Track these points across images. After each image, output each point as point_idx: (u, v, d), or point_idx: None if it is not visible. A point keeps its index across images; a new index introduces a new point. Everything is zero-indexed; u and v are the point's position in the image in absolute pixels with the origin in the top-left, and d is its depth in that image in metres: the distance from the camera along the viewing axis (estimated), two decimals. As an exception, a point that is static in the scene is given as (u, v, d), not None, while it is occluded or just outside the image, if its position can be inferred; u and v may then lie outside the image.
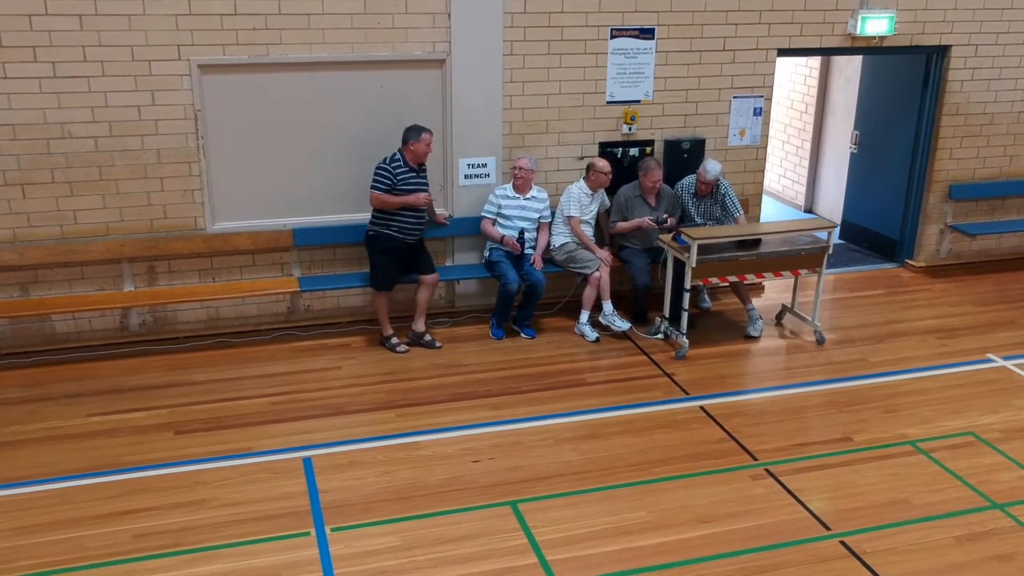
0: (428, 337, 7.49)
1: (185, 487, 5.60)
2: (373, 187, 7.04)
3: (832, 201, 10.78)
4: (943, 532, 5.26)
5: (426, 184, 7.28)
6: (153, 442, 6.09)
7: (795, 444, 6.15)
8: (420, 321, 7.45)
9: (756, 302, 8.13)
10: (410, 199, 7.05)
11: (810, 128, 11.20)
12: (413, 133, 7.02)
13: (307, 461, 5.89)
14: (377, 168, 7.06)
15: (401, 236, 7.17)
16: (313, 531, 5.18)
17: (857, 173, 10.07)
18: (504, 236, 7.57)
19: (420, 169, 7.18)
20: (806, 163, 11.33)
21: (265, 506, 5.41)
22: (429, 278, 7.39)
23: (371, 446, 6.08)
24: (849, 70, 10.47)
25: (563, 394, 6.80)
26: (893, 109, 9.45)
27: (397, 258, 7.23)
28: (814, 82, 11.03)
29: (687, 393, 6.84)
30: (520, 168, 7.50)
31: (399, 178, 7.02)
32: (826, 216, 10.89)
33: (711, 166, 7.67)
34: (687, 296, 7.33)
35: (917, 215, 9.40)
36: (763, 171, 8.67)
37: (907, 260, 9.55)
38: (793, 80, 11.34)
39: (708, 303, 8.45)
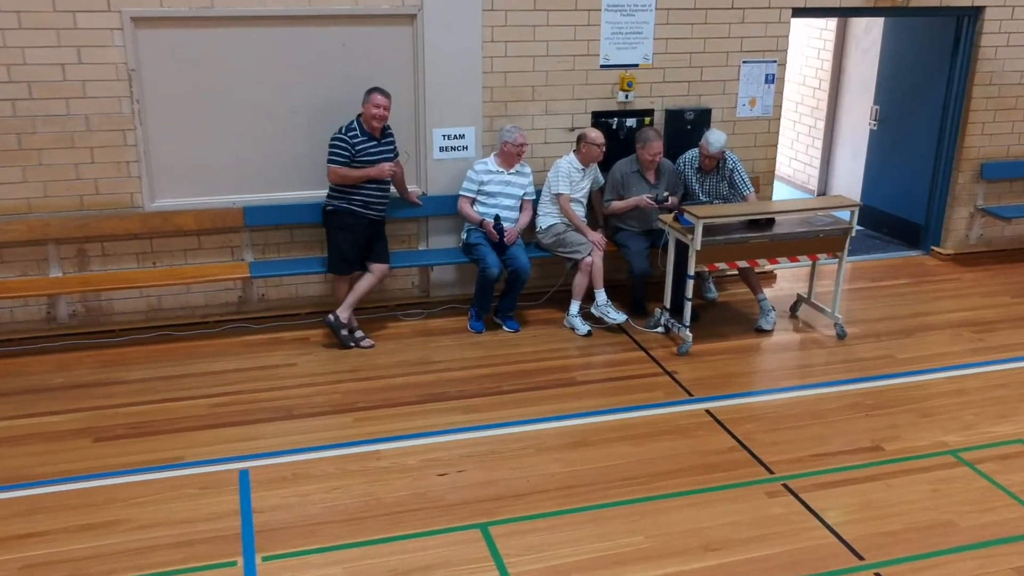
0: (361, 333, 6.59)
1: (95, 505, 4.72)
2: (330, 161, 6.16)
3: (849, 184, 9.89)
4: (999, 562, 4.38)
5: (392, 152, 6.39)
6: (66, 451, 5.21)
7: (817, 454, 5.27)
8: (350, 311, 6.50)
9: (768, 292, 7.24)
10: (373, 171, 6.16)
11: (824, 105, 10.32)
12: (366, 95, 6.15)
13: (244, 474, 5.01)
14: (332, 139, 6.17)
15: (364, 211, 6.28)
16: (240, 560, 4.30)
17: (877, 152, 9.17)
18: (484, 219, 6.68)
19: (383, 136, 6.29)
20: (819, 143, 10.45)
21: (186, 529, 4.52)
22: (379, 267, 6.50)
23: (321, 456, 5.19)
24: (867, 41, 9.59)
25: (549, 395, 5.92)
26: (918, 80, 8.55)
27: (359, 237, 6.34)
28: (828, 55, 10.15)
29: (691, 394, 5.95)
30: (523, 145, 6.66)
31: (357, 148, 6.14)
32: (842, 200, 10.02)
33: (714, 137, 6.78)
34: (691, 284, 6.44)
35: (944, 197, 8.51)
36: (776, 146, 7.78)
37: (933, 247, 8.65)
38: (805, 54, 10.45)
39: (714, 293, 7.56)
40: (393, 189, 6.73)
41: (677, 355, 6.50)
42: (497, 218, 6.64)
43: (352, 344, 6.51)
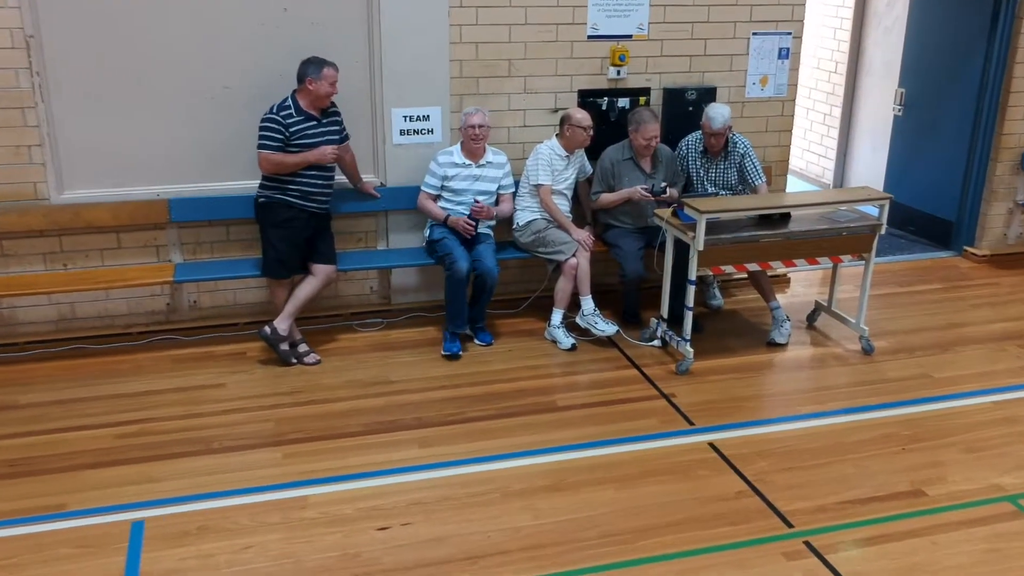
0: (304, 347, 5.62)
1: (-59, 571, 3.77)
2: (260, 146, 5.19)
3: (869, 177, 8.89)
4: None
5: (338, 133, 5.43)
6: (-77, 496, 4.26)
7: (844, 501, 4.30)
8: (289, 322, 5.52)
9: (781, 299, 6.26)
10: (312, 155, 5.20)
11: (840, 90, 9.34)
12: (312, 68, 5.18)
13: (137, 527, 4.05)
14: (263, 120, 5.21)
15: (302, 204, 5.31)
16: (109, 651, 3.35)
17: (902, 141, 8.18)
18: (450, 216, 5.72)
19: (325, 115, 5.32)
20: (835, 133, 9.47)
21: (48, 605, 3.57)
22: (323, 269, 5.52)
23: (236, 503, 4.24)
24: (889, 18, 8.61)
25: (522, 424, 4.95)
26: (950, 59, 7.56)
27: (298, 234, 5.38)
28: (846, 35, 9.17)
29: (692, 423, 4.98)
30: (477, 127, 5.62)
31: (293, 130, 5.17)
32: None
33: (716, 111, 5.81)
34: (692, 291, 5.47)
35: (980, 191, 7.52)
36: (790, 131, 6.79)
37: (966, 247, 7.67)
38: (820, 34, 9.46)
39: (719, 300, 6.58)
40: (344, 179, 5.77)
41: (676, 374, 5.53)
42: (476, 205, 5.65)
43: (294, 360, 5.55)
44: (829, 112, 9.53)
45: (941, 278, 7.26)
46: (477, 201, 5.64)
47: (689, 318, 5.53)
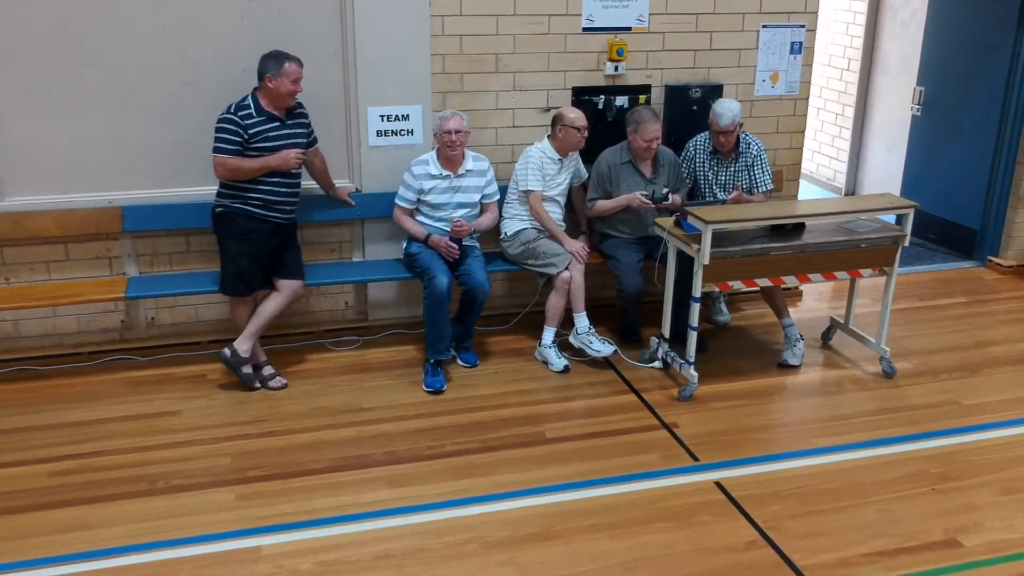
0: (269, 369, 5.12)
1: None
2: (216, 150, 4.68)
3: (884, 181, 8.39)
4: None
5: (305, 136, 4.93)
6: None
7: (870, 553, 3.79)
8: (251, 342, 5.00)
9: (793, 313, 5.73)
10: (274, 160, 4.69)
11: (853, 89, 8.82)
12: (272, 63, 4.67)
13: (62, 585, 3.54)
14: (219, 121, 4.70)
15: (264, 214, 4.80)
16: None
17: (921, 142, 7.65)
18: (431, 235, 5.20)
19: (290, 115, 4.81)
20: (848, 134, 8.95)
21: None
22: (289, 285, 5.01)
23: (178, 554, 3.73)
24: (906, 11, 8.09)
25: (506, 460, 4.44)
26: (973, 55, 7.05)
27: (260, 247, 4.86)
28: (859, 29, 8.65)
29: (696, 459, 4.47)
30: (454, 133, 5.10)
31: (252, 132, 4.66)
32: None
33: (724, 107, 5.32)
34: (696, 308, 4.95)
35: (1005, 197, 7.01)
36: (803, 132, 6.28)
37: (991, 257, 7.15)
38: (832, 30, 8.94)
39: (726, 316, 6.07)
40: (315, 185, 5.26)
41: (678, 400, 5.01)
42: (455, 224, 5.16)
43: (257, 384, 5.04)
44: (841, 112, 9.01)
45: (965, 291, 6.73)
46: (456, 220, 5.12)
47: (693, 339, 5.01)
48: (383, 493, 4.15)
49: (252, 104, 4.68)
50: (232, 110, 4.66)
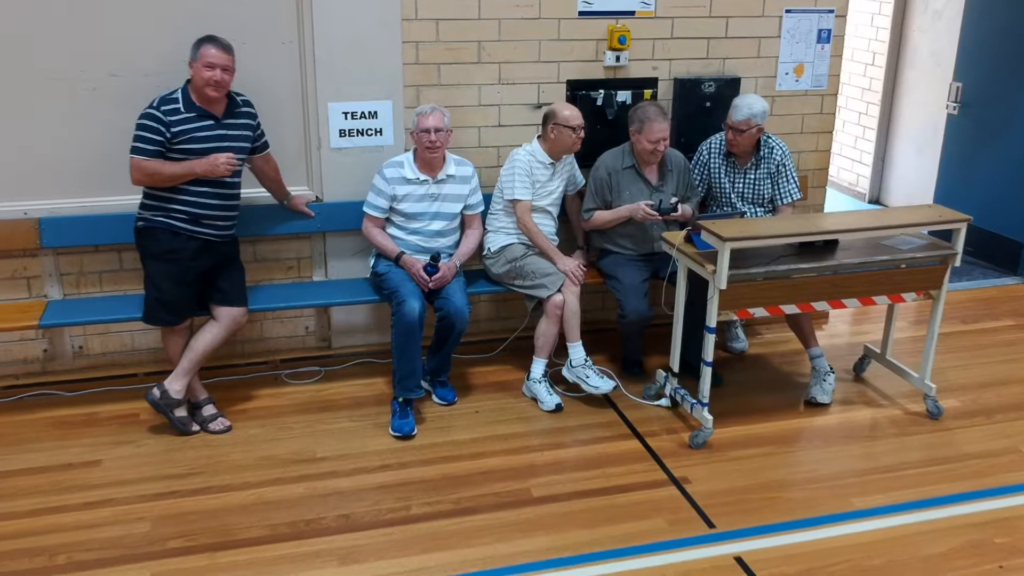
0: (210, 409, 4.37)
1: None
2: (133, 150, 3.93)
3: (913, 187, 7.65)
4: None
5: (247, 139, 4.19)
6: None
7: (932, 656, 3.02)
8: (186, 380, 4.25)
9: (819, 338, 4.96)
10: (200, 165, 3.92)
11: (879, 86, 8.06)
12: (193, 48, 3.94)
13: None
14: (139, 118, 3.96)
15: (191, 229, 4.05)
16: None
17: (958, 145, 6.89)
18: (404, 254, 4.46)
19: (230, 113, 4.07)
20: (872, 134, 8.19)
21: None
22: (228, 313, 4.26)
23: (66, 661, 2.98)
24: (939, 1, 7.33)
25: (485, 526, 3.69)
26: (1018, 48, 6.28)
27: (188, 269, 4.11)
28: (885, 21, 7.89)
29: (711, 525, 3.71)
30: (434, 131, 4.35)
31: (176, 130, 3.91)
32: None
33: (743, 100, 4.58)
34: (711, 340, 4.19)
35: (1055, 205, 6.25)
36: (831, 133, 5.53)
37: (1038, 273, 6.41)
38: (855, 21, 8.16)
39: (743, 342, 5.32)
40: (264, 192, 4.52)
41: (690, 448, 4.26)
42: (436, 257, 4.43)
43: (195, 428, 4.30)
44: (865, 110, 8.25)
45: (1011, 312, 5.96)
46: (435, 264, 4.39)
47: (707, 376, 4.26)
48: (330, 572, 3.39)
49: (181, 98, 3.93)
50: (156, 104, 3.92)
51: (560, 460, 4.19)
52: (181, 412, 4.25)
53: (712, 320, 4.13)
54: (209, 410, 4.36)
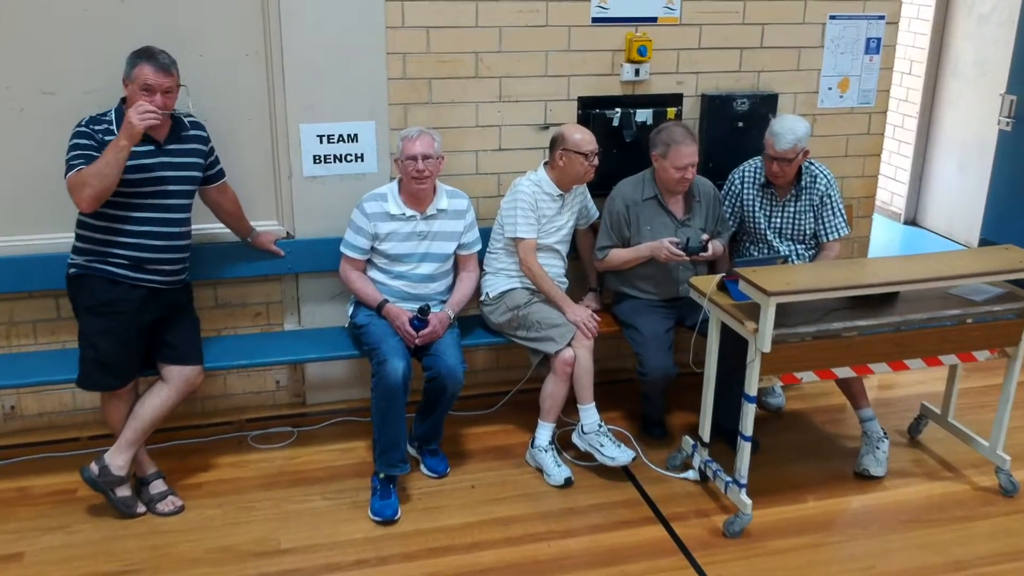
0: (159, 486, 3.69)
1: None
2: (70, 168, 3.26)
3: (954, 208, 6.99)
4: None
5: (197, 166, 3.54)
6: None
7: None
8: (130, 454, 3.58)
9: (866, 384, 4.26)
10: (121, 135, 3.19)
11: (916, 97, 7.39)
12: (127, 63, 3.29)
13: None
14: (71, 137, 3.33)
15: (133, 276, 3.40)
16: None
17: (1012, 163, 6.19)
18: (387, 302, 3.80)
19: (174, 138, 3.43)
20: (908, 149, 7.52)
21: None
22: (179, 373, 3.59)
23: None
24: (987, 5, 6.67)
25: (476, 647, 3.03)
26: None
27: (128, 323, 3.44)
28: (925, 26, 7.23)
29: (756, 648, 3.04)
30: (421, 159, 3.69)
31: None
32: (945, 232, 7.13)
33: (785, 126, 3.93)
34: (751, 412, 3.52)
35: (1124, 234, 5.55)
36: (879, 156, 4.88)
37: (1104, 309, 5.68)
38: (889, 25, 7.49)
39: (780, 397, 4.65)
40: (222, 228, 3.87)
41: (724, 536, 3.59)
42: (424, 310, 3.76)
43: (140, 509, 3.64)
44: (901, 123, 7.58)
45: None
46: (424, 318, 3.73)
47: (746, 454, 3.59)
48: None
49: (115, 119, 3.29)
50: (85, 123, 3.29)
51: (569, 553, 3.52)
52: (124, 491, 3.59)
53: (753, 388, 3.46)
54: (158, 487, 3.70)
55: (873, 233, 5.05)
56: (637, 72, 4.27)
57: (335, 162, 4.06)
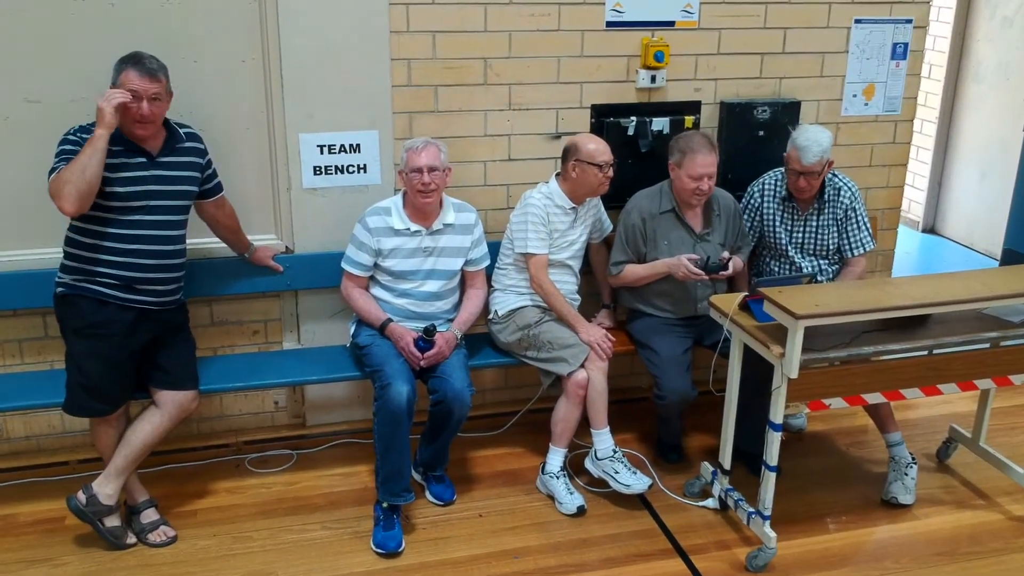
0: (151, 515, 3.50)
1: None
2: (53, 170, 3.08)
3: (975, 215, 6.79)
4: None
5: (193, 180, 3.36)
6: None
7: None
8: (120, 482, 3.39)
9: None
10: (99, 111, 3.02)
11: (935, 101, 7.18)
12: (115, 69, 3.10)
13: None
14: (59, 144, 3.14)
15: (123, 297, 3.21)
16: None
17: (1034, 171, 6.01)
18: (391, 322, 3.61)
19: (168, 149, 3.25)
20: (927, 155, 7.31)
21: None
22: (174, 398, 3.41)
23: None
24: (1010, 7, 6.47)
25: None
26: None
27: (118, 346, 3.25)
28: (944, 29, 7.02)
29: None
30: (427, 171, 3.50)
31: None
32: (965, 240, 6.93)
33: (809, 138, 3.72)
34: (777, 440, 3.33)
35: None
36: (905, 166, 4.70)
37: None
38: (907, 27, 7.28)
39: (801, 419, 4.44)
40: (218, 243, 3.69)
41: (747, 570, 3.39)
42: (430, 330, 3.57)
43: (131, 540, 3.45)
44: (919, 128, 7.34)
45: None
46: (430, 339, 3.54)
47: (770, 484, 3.39)
48: None
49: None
50: (74, 131, 3.11)
51: (583, 589, 3.33)
52: (113, 521, 3.41)
53: (778, 415, 3.27)
54: (149, 516, 3.51)
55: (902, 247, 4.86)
56: (653, 79, 4.07)
57: (336, 173, 3.86)
